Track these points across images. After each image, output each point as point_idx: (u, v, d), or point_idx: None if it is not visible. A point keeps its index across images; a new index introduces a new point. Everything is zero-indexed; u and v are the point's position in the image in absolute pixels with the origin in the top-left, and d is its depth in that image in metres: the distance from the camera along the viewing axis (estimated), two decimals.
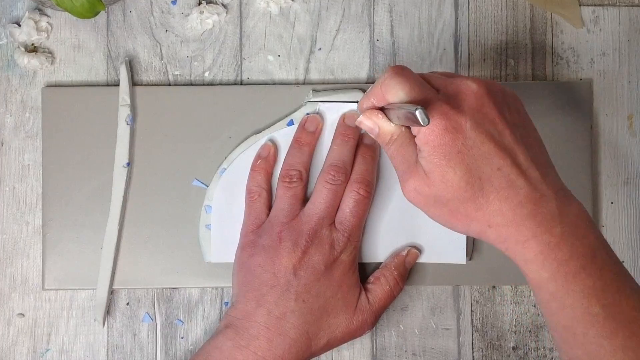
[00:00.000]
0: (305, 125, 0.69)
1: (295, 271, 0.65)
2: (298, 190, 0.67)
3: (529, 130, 0.58)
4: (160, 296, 0.71)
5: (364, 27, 0.73)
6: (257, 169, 0.69)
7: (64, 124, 0.70)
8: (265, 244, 0.66)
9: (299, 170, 0.68)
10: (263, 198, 0.69)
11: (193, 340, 0.71)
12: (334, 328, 0.66)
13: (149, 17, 0.72)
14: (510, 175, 0.55)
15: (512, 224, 0.55)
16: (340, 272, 0.66)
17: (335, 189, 0.67)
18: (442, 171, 0.55)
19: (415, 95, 0.55)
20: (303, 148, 0.69)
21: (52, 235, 0.70)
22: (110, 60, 0.72)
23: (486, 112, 0.55)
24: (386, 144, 0.59)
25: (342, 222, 0.67)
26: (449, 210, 0.56)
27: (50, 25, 0.72)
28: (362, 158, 0.68)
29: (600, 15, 0.73)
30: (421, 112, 0.51)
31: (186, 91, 0.71)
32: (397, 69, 0.56)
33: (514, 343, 0.72)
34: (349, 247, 0.67)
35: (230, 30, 0.72)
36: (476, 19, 0.73)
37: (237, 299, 0.66)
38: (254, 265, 0.66)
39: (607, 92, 0.73)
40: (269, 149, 0.70)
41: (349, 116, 0.69)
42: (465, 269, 0.71)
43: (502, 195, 0.55)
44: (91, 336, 0.71)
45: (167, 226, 0.70)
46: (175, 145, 0.71)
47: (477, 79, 0.57)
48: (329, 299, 0.66)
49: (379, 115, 0.58)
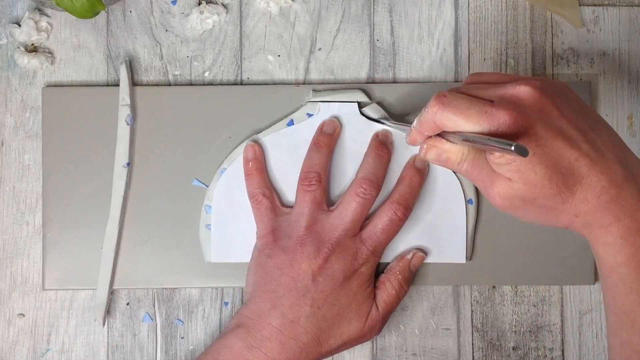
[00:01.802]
0: (323, 128, 0.69)
1: (314, 277, 0.65)
2: (317, 193, 0.67)
3: (592, 116, 0.58)
4: (160, 296, 0.71)
5: (364, 27, 0.73)
6: (251, 172, 0.69)
7: (64, 124, 0.70)
8: (285, 246, 0.66)
9: (317, 172, 0.68)
10: (267, 198, 0.68)
11: (193, 340, 0.71)
12: (345, 335, 0.66)
13: (149, 17, 0.72)
14: (588, 164, 0.55)
15: (597, 210, 0.56)
16: (358, 283, 0.66)
17: (365, 202, 0.67)
18: (523, 175, 0.55)
19: (475, 119, 0.55)
20: (321, 149, 0.69)
21: (52, 235, 0.70)
22: (110, 60, 0.72)
23: (548, 110, 0.56)
24: (458, 165, 0.59)
25: (370, 236, 0.67)
26: (537, 208, 0.57)
27: (50, 25, 0.72)
28: (409, 180, 0.69)
29: (600, 15, 0.73)
30: (519, 148, 0.50)
31: (186, 91, 0.71)
32: (444, 100, 0.56)
33: (514, 343, 0.72)
34: (370, 261, 0.67)
35: (230, 30, 0.72)
36: (476, 19, 0.73)
37: (251, 299, 0.66)
38: (272, 266, 0.66)
39: (607, 92, 0.73)
40: (253, 149, 0.69)
41: (383, 134, 0.69)
42: (465, 269, 0.71)
43: (585, 184, 0.55)
44: (91, 336, 0.71)
45: (167, 226, 0.70)
46: (175, 145, 0.71)
47: (527, 81, 0.56)
48: (343, 308, 0.66)
49: (443, 141, 0.58)
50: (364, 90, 0.71)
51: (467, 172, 0.59)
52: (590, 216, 0.56)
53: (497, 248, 0.71)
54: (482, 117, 0.54)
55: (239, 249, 0.70)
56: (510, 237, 0.70)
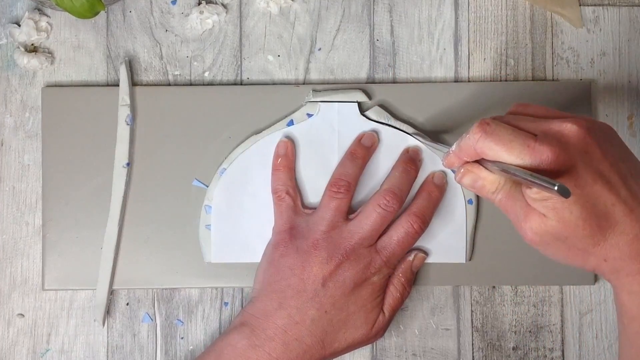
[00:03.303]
0: (362, 140, 0.69)
1: (325, 282, 0.65)
2: (343, 202, 0.67)
3: (633, 162, 0.58)
4: (160, 296, 0.71)
5: (364, 27, 0.72)
6: (279, 168, 0.69)
7: (64, 124, 0.70)
8: (299, 246, 0.66)
9: (349, 181, 0.68)
10: (290, 196, 0.69)
11: (193, 341, 0.71)
12: (350, 340, 0.66)
13: (149, 17, 0.72)
14: (624, 210, 0.55)
15: (627, 257, 0.55)
16: (368, 293, 0.66)
17: (386, 215, 0.66)
18: (559, 213, 0.54)
19: (517, 152, 0.54)
20: (357, 161, 0.69)
21: (52, 235, 0.70)
22: (110, 60, 0.72)
23: (591, 152, 0.55)
24: (492, 194, 0.58)
25: (385, 247, 0.67)
26: (567, 247, 0.56)
27: (50, 25, 0.72)
28: (428, 195, 0.69)
29: (600, 15, 0.73)
30: (562, 189, 0.50)
31: (186, 91, 0.71)
32: (487, 129, 0.55)
33: (514, 343, 0.72)
34: (383, 271, 0.67)
35: (230, 30, 0.72)
36: (476, 19, 0.73)
37: (258, 297, 0.66)
38: (284, 266, 0.66)
39: (607, 92, 0.73)
40: (286, 146, 0.69)
41: (414, 150, 0.70)
42: (465, 269, 0.71)
43: (618, 230, 0.55)
44: (91, 336, 0.71)
45: (167, 226, 0.70)
46: (175, 145, 0.71)
47: (574, 119, 0.56)
48: (350, 315, 0.66)
49: (480, 168, 0.58)
50: (364, 90, 0.71)
51: (501, 203, 0.58)
52: (619, 262, 0.55)
53: (497, 248, 0.71)
54: (524, 151, 0.54)
55: (239, 249, 0.70)
56: (510, 237, 0.70)
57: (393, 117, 0.71)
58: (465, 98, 0.71)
